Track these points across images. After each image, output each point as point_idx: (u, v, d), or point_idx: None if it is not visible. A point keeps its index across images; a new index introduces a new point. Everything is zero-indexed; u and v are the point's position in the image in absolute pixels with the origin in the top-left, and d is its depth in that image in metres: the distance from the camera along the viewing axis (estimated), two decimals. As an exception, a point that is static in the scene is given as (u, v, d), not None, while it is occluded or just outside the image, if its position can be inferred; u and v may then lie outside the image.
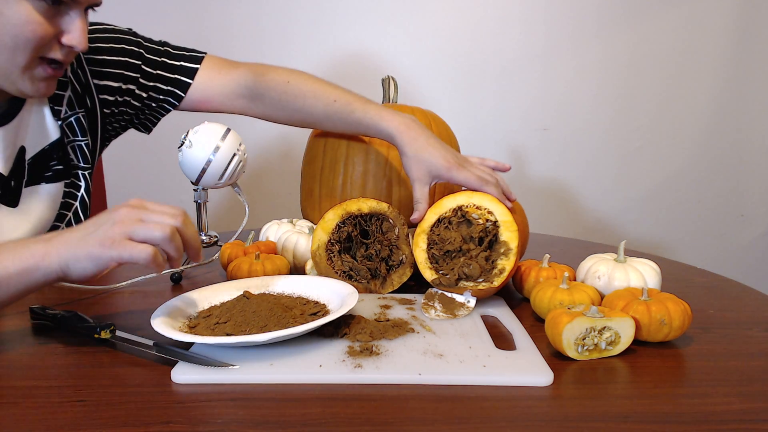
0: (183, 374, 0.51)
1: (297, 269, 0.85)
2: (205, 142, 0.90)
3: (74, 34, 0.68)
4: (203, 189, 0.96)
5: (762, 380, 0.52)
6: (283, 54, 1.51)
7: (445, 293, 0.70)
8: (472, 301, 0.68)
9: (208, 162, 0.90)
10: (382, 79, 1.01)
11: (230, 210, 1.60)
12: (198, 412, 0.46)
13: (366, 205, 0.78)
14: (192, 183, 0.94)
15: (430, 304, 0.68)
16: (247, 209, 0.98)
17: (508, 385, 0.50)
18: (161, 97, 0.91)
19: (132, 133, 0.98)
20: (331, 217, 0.76)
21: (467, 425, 0.44)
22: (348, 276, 0.76)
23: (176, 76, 0.90)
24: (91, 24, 0.85)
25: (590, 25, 1.53)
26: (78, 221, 0.90)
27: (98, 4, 0.72)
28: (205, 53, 0.94)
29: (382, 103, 1.01)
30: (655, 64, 1.56)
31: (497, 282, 0.67)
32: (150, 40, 0.91)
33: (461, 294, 0.69)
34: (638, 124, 1.60)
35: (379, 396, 0.48)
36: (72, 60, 0.74)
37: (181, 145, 0.91)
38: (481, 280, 0.69)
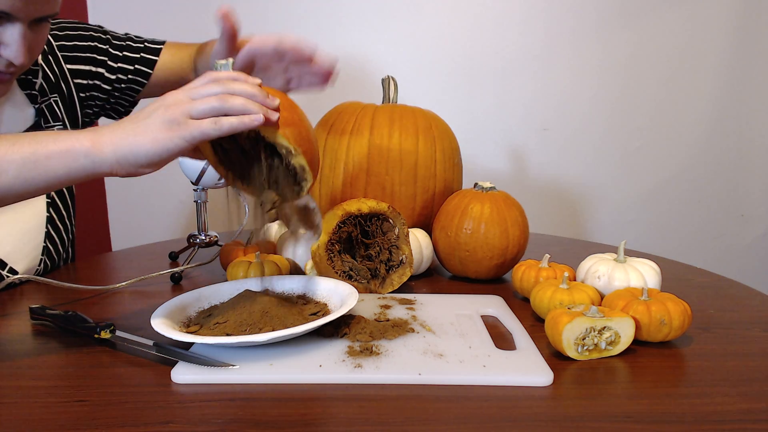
0: (183, 374, 0.51)
1: (297, 269, 0.85)
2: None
3: (11, 47, 0.69)
4: (203, 189, 0.96)
5: (762, 380, 0.52)
6: (283, 54, 1.51)
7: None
8: (313, 201, 0.66)
9: (208, 162, 0.89)
10: (382, 79, 1.01)
11: (230, 210, 1.60)
12: (198, 412, 0.46)
13: (366, 205, 0.78)
14: (192, 183, 0.94)
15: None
16: (247, 209, 0.98)
17: (508, 385, 0.50)
18: (129, 77, 0.94)
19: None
20: (331, 218, 0.76)
21: (467, 425, 0.44)
22: (348, 276, 0.76)
23: (141, 55, 0.95)
24: (62, 20, 0.90)
25: (590, 25, 1.53)
26: (57, 211, 0.89)
27: (50, 16, 0.72)
28: (166, 41, 0.99)
29: (382, 103, 1.00)
30: (655, 64, 1.56)
31: (307, 183, 0.63)
32: (116, 33, 0.97)
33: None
34: (638, 124, 1.60)
35: (379, 396, 0.48)
36: (17, 71, 0.74)
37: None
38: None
